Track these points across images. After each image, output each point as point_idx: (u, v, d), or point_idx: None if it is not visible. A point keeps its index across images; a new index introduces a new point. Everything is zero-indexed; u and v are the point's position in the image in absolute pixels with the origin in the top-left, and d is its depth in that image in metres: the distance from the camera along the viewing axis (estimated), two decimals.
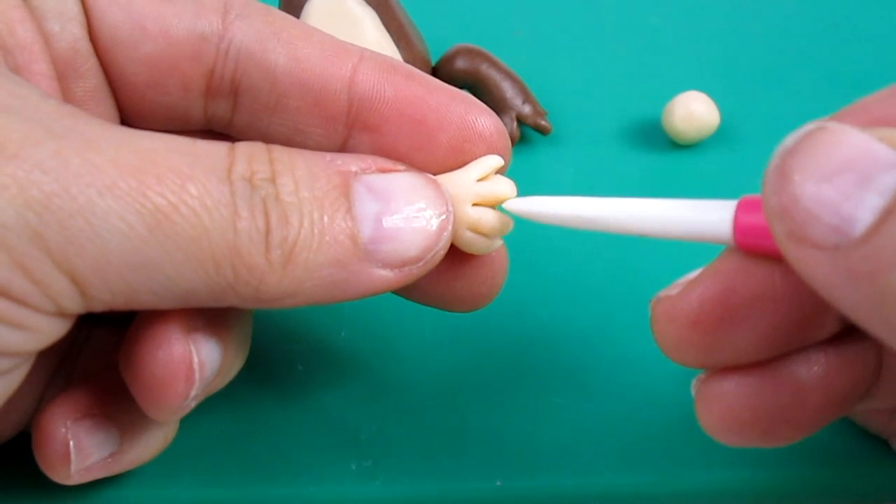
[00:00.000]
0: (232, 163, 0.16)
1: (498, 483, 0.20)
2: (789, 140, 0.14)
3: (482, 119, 0.19)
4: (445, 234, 0.18)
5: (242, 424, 0.22)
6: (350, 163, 0.18)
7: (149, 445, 0.20)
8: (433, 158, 0.19)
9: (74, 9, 0.18)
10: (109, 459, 0.19)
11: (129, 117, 0.19)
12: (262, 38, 0.18)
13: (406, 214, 0.17)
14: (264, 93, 0.19)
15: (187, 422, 0.20)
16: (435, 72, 0.30)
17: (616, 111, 0.32)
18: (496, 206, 0.19)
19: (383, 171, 0.18)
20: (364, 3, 0.28)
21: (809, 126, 0.14)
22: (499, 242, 0.19)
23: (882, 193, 0.13)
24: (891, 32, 0.36)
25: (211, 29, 0.18)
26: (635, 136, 0.31)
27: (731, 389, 0.16)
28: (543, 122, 0.30)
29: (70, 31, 0.18)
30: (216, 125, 0.20)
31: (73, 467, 0.19)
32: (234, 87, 0.19)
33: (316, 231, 0.16)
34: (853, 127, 0.14)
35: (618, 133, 0.31)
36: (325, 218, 0.17)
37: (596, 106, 0.32)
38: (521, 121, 0.30)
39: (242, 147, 0.17)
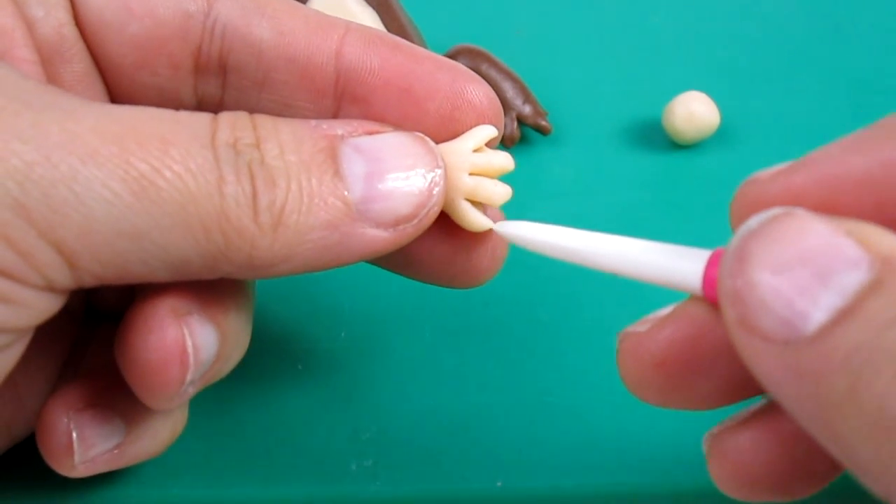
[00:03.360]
0: (215, 130, 0.16)
1: (498, 483, 0.20)
2: (753, 222, 0.13)
3: (471, 87, 0.19)
4: (437, 189, 0.18)
5: (242, 424, 0.22)
6: (336, 126, 0.17)
7: (156, 437, 0.19)
8: (423, 129, 0.18)
9: None
10: (115, 451, 0.19)
11: (118, 99, 0.19)
12: (246, 13, 0.18)
13: (396, 172, 0.17)
14: (251, 68, 0.19)
15: (187, 421, 0.20)
16: None
17: (616, 111, 0.32)
18: (495, 177, 0.19)
19: (370, 133, 0.18)
20: (364, 3, 0.28)
21: (776, 210, 0.13)
22: (498, 220, 0.19)
23: (840, 293, 0.12)
24: (891, 32, 0.36)
25: (196, 7, 0.18)
26: (635, 136, 0.31)
27: (745, 445, 0.16)
28: (544, 123, 0.30)
29: (54, 16, 0.18)
30: (207, 106, 0.19)
31: (76, 458, 0.18)
32: (221, 64, 0.19)
33: (305, 194, 0.16)
34: (821, 217, 0.13)
35: (618, 133, 0.31)
36: (313, 180, 0.16)
37: (596, 106, 0.32)
38: (521, 121, 0.30)
39: (225, 115, 0.17)
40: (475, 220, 0.19)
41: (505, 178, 0.29)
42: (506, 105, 0.30)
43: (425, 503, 0.20)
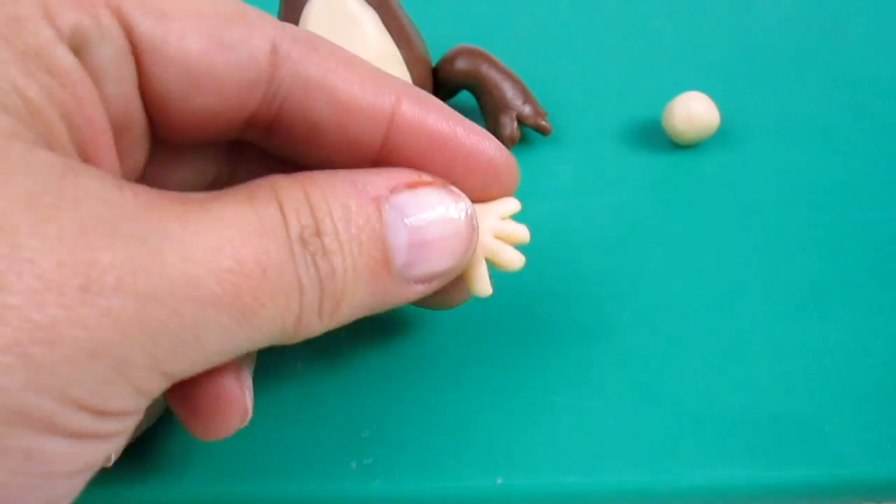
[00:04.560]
0: (287, 225, 0.17)
1: (499, 481, 0.20)
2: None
3: (511, 160, 0.21)
4: (470, 251, 0.19)
5: None
6: (380, 183, 0.18)
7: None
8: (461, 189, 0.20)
9: (130, 68, 0.17)
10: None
11: (161, 133, 0.19)
12: (307, 83, 0.19)
13: (437, 236, 0.18)
14: (303, 129, 0.19)
15: None
16: (435, 72, 0.30)
17: (616, 111, 0.32)
18: (513, 245, 0.20)
19: (412, 186, 0.19)
20: (364, 3, 0.28)
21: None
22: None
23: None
24: (891, 32, 0.36)
25: (260, 76, 0.18)
26: (635, 136, 0.31)
27: None
28: (544, 123, 0.30)
29: (124, 93, 0.18)
30: (246, 139, 0.20)
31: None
32: (274, 123, 0.19)
33: (359, 274, 0.18)
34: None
35: (618, 133, 0.31)
36: (365, 257, 0.18)
37: (596, 106, 0.32)
38: (521, 121, 0.30)
39: (287, 202, 0.17)
40: (485, 284, 0.20)
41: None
42: (506, 105, 0.30)
43: (426, 501, 0.20)
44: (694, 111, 0.29)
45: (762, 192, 0.28)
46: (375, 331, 0.24)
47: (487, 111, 0.30)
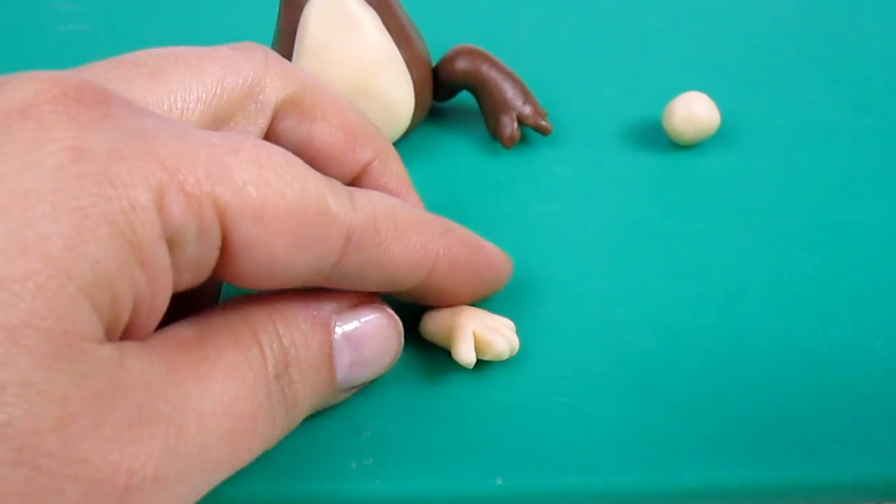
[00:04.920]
0: (266, 364, 0.19)
1: (498, 481, 0.20)
2: None
3: (510, 268, 0.24)
4: (395, 361, 0.22)
5: None
6: (328, 307, 0.20)
7: None
8: (475, 295, 0.23)
9: (213, 260, 0.18)
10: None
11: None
12: (365, 268, 0.20)
13: (372, 356, 0.21)
14: (351, 283, 0.20)
15: None
16: (435, 72, 0.30)
17: (616, 111, 0.32)
18: (489, 354, 0.22)
19: (356, 307, 0.21)
20: (364, 3, 0.28)
21: None
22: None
23: None
24: (891, 32, 0.36)
25: (328, 267, 0.19)
26: (635, 136, 0.31)
27: None
28: (544, 123, 0.30)
29: (196, 277, 0.18)
30: None
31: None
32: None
33: (311, 393, 0.20)
34: None
35: (618, 133, 0.31)
36: (317, 378, 0.20)
37: (596, 106, 0.32)
38: (521, 121, 0.30)
39: (264, 339, 0.19)
40: (469, 355, 0.22)
41: (506, 177, 0.29)
42: (506, 105, 0.30)
43: (425, 501, 0.20)
44: (694, 111, 0.29)
45: (762, 192, 0.28)
46: None
47: (487, 111, 0.30)
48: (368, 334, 0.21)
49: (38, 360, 0.14)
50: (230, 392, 0.18)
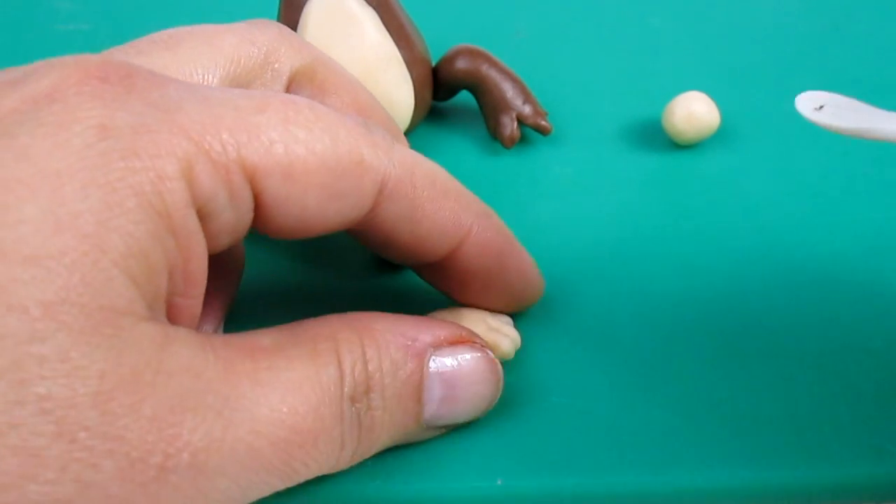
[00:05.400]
0: (342, 384, 0.18)
1: (498, 482, 0.20)
2: None
3: (541, 285, 0.23)
4: (490, 408, 0.21)
5: None
6: (426, 339, 0.20)
7: None
8: (497, 300, 0.23)
9: (247, 223, 0.18)
10: None
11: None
12: (397, 220, 0.20)
13: (466, 397, 0.20)
14: (381, 236, 0.20)
15: None
16: (435, 72, 0.30)
17: (616, 111, 0.32)
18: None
19: (453, 343, 0.20)
20: (364, 3, 0.28)
21: None
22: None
23: None
24: (891, 32, 0.36)
25: (361, 215, 0.19)
26: (635, 136, 0.31)
27: None
28: (544, 123, 0.30)
29: (234, 238, 0.18)
30: None
31: None
32: (356, 230, 0.20)
33: (391, 424, 0.19)
34: None
35: (618, 133, 0.31)
36: (400, 410, 0.19)
37: (596, 106, 0.32)
38: (521, 121, 0.30)
39: (346, 359, 0.18)
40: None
41: (506, 177, 0.29)
42: (506, 105, 0.30)
43: (426, 501, 0.20)
44: (694, 111, 0.29)
45: (762, 192, 0.28)
46: None
47: (487, 111, 0.30)
48: (464, 374, 0.20)
49: (76, 336, 0.15)
50: (289, 404, 0.17)
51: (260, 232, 0.19)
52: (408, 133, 0.30)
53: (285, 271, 0.26)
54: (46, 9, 0.39)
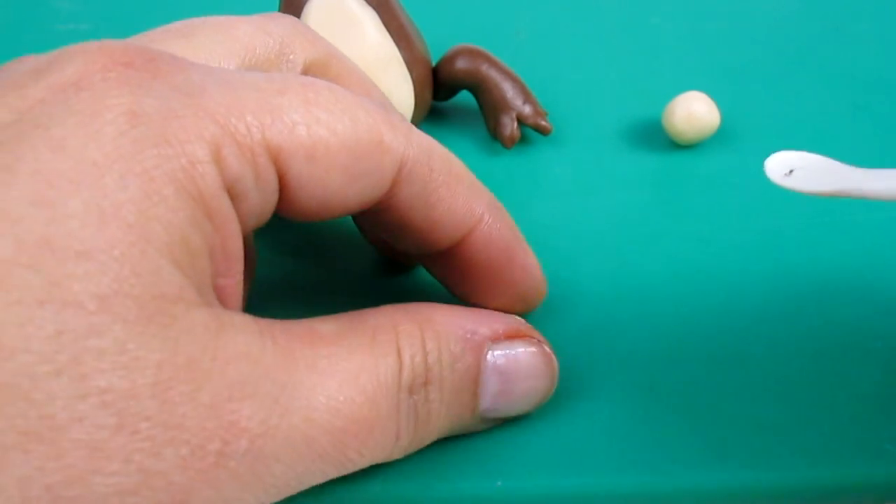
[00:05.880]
0: (401, 374, 0.18)
1: (498, 483, 0.20)
2: None
3: (543, 287, 0.23)
4: (544, 401, 0.21)
5: None
6: (485, 332, 0.20)
7: None
8: (503, 297, 0.22)
9: (273, 202, 0.18)
10: None
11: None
12: (413, 202, 0.20)
13: (522, 391, 0.20)
14: (394, 219, 0.20)
15: None
16: (435, 72, 0.30)
17: (616, 111, 0.32)
18: None
19: (510, 336, 0.20)
20: (364, 3, 0.28)
21: None
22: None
23: None
24: (891, 32, 0.36)
25: (380, 195, 0.19)
26: (635, 136, 0.31)
27: None
28: (544, 123, 0.30)
29: (261, 220, 0.19)
30: None
31: None
32: (369, 212, 0.20)
33: (447, 415, 0.19)
34: None
35: (618, 133, 0.31)
36: (457, 401, 0.19)
37: (596, 106, 0.32)
38: (521, 121, 0.30)
39: (405, 349, 0.18)
40: None
41: (506, 177, 0.29)
42: (506, 105, 0.30)
43: (425, 502, 0.20)
44: (694, 111, 0.29)
45: (762, 192, 0.28)
46: None
47: (487, 111, 0.30)
48: (521, 367, 0.20)
49: (131, 327, 0.15)
50: (346, 393, 0.17)
51: (282, 214, 0.19)
52: None
53: (290, 272, 0.26)
54: (46, 9, 0.39)
